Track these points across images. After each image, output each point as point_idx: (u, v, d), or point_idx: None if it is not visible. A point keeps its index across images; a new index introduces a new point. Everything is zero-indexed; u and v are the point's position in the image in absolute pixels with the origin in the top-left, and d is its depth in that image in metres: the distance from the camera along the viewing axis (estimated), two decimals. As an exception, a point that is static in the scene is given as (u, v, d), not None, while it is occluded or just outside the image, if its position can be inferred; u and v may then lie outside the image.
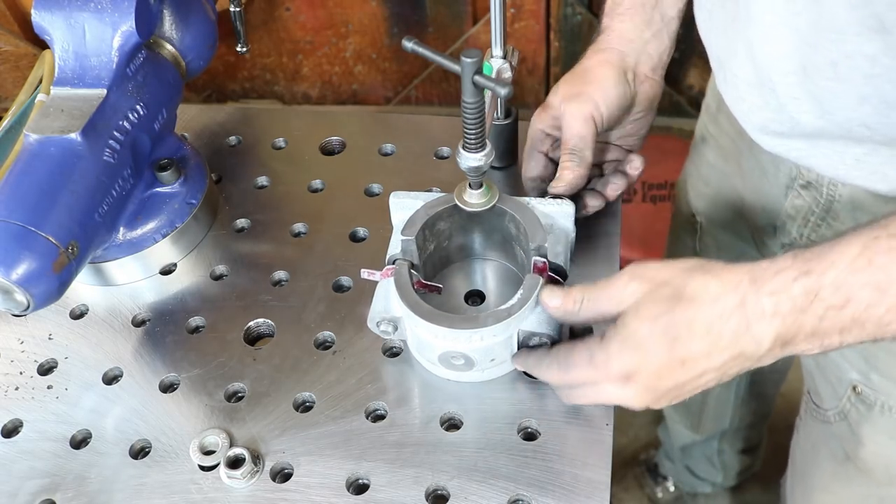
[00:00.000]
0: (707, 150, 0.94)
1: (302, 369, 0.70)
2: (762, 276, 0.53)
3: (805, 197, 0.76)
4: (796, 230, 0.80)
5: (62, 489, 0.64)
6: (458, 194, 0.68)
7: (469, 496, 0.61)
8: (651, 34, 0.76)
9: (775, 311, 0.52)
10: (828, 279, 0.51)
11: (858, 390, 0.78)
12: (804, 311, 0.52)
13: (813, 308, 0.52)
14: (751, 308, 0.52)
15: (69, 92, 0.73)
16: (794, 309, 0.52)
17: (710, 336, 0.53)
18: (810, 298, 0.51)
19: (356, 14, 1.60)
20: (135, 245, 0.77)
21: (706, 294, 0.54)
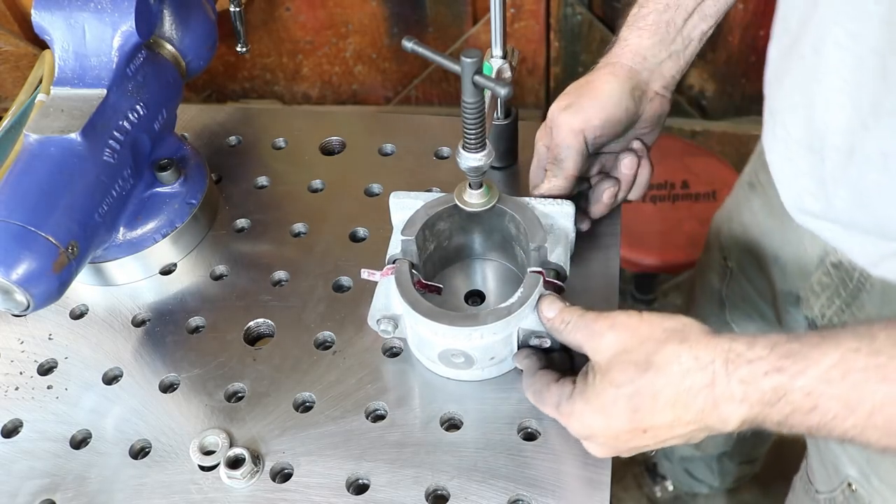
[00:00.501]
0: (755, 198, 0.91)
1: (302, 369, 0.70)
2: (736, 360, 0.52)
3: (834, 277, 0.73)
4: (818, 308, 0.78)
5: (62, 489, 0.64)
6: (458, 194, 0.68)
7: (469, 496, 0.61)
8: (668, 55, 0.73)
9: (744, 398, 0.52)
10: (798, 383, 0.50)
11: (854, 488, 0.77)
12: (771, 406, 0.51)
13: (780, 405, 0.51)
14: (720, 390, 0.52)
15: (69, 92, 0.73)
16: (762, 401, 0.51)
17: (674, 409, 0.53)
18: (779, 395, 0.51)
19: (356, 14, 1.60)
20: (135, 245, 0.77)
21: (677, 367, 0.53)
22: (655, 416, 0.54)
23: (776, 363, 0.51)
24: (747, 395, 0.51)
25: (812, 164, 0.64)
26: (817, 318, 0.78)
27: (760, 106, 0.74)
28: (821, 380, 0.50)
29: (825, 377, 0.50)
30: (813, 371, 0.50)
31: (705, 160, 1.62)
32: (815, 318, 0.79)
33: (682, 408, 0.53)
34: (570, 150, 0.71)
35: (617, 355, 0.55)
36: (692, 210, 1.56)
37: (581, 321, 0.59)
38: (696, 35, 0.74)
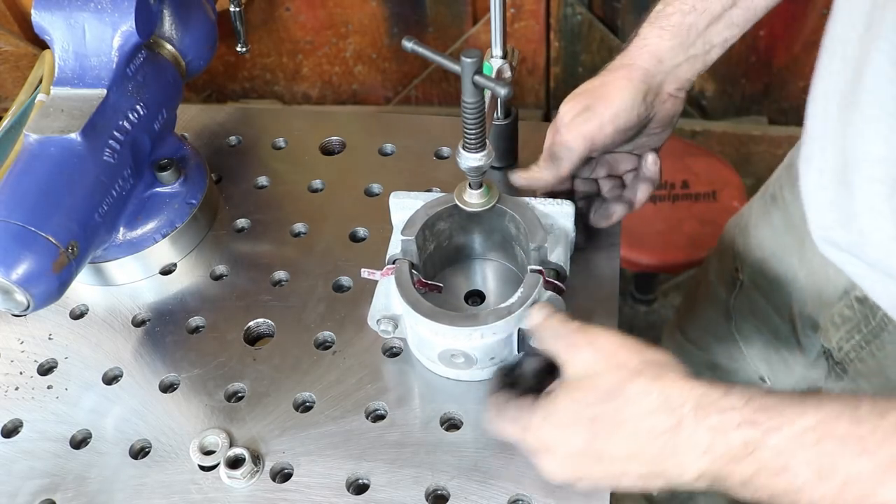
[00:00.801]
0: (775, 212, 0.88)
1: (302, 369, 0.70)
2: (708, 407, 0.50)
3: (857, 311, 0.71)
4: (836, 340, 0.75)
5: (62, 489, 0.64)
6: (458, 194, 0.68)
7: (469, 496, 0.61)
8: (685, 58, 0.71)
9: (708, 449, 0.49)
10: (771, 441, 0.48)
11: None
12: (737, 461, 0.49)
13: (747, 462, 0.49)
14: (684, 436, 0.50)
15: (69, 92, 0.73)
16: (727, 455, 0.49)
17: (633, 444, 0.52)
18: (748, 451, 0.48)
19: (356, 14, 1.60)
20: (135, 245, 0.77)
21: (643, 404, 0.51)
22: (612, 446, 0.52)
23: (750, 416, 0.49)
24: (712, 446, 0.49)
25: (842, 198, 0.62)
26: (834, 349, 0.76)
27: (760, 106, 0.73)
28: (795, 440, 0.47)
29: (800, 439, 0.47)
30: (788, 430, 0.48)
31: (705, 160, 1.62)
32: (832, 349, 0.77)
33: (640, 445, 0.51)
34: (571, 153, 0.70)
35: (588, 375, 0.54)
36: (692, 210, 1.56)
37: (563, 329, 0.58)
38: (718, 41, 0.72)
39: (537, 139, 0.88)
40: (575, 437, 0.54)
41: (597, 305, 0.72)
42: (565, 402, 0.54)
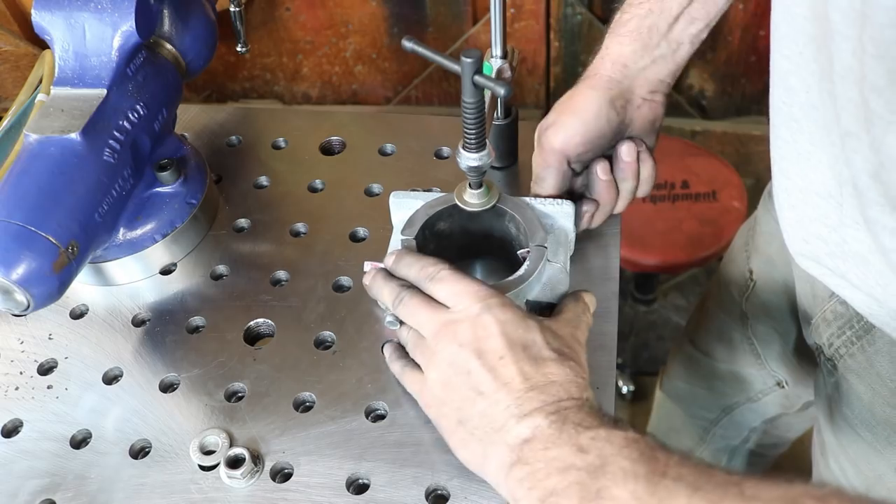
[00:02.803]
0: (772, 207, 0.87)
1: (302, 369, 0.70)
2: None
3: (848, 308, 0.70)
4: (827, 336, 0.75)
5: (62, 489, 0.64)
6: (458, 194, 0.68)
7: (469, 496, 0.61)
8: (651, 60, 0.71)
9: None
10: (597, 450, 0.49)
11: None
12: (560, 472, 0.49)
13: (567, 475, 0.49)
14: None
15: (69, 92, 0.73)
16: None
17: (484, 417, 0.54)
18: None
19: (356, 14, 1.60)
20: (135, 245, 0.77)
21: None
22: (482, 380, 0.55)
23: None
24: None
25: (825, 211, 0.62)
26: (825, 346, 0.76)
27: (760, 106, 0.74)
28: (609, 437, 0.49)
29: (614, 439, 0.49)
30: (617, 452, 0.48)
31: (705, 160, 1.62)
32: (822, 345, 0.77)
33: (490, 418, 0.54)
34: (549, 170, 0.71)
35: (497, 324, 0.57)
36: (692, 210, 1.56)
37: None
38: (685, 38, 0.72)
39: (537, 139, 0.88)
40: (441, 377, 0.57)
41: (597, 305, 0.72)
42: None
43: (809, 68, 0.56)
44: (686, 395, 1.20)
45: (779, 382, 1.01)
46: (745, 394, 1.08)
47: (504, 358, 0.55)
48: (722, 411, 1.14)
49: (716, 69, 1.68)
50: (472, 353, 0.56)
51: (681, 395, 1.22)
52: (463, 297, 0.58)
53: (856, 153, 0.54)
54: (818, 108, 0.57)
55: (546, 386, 0.53)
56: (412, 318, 0.61)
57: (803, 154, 0.62)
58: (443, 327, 0.58)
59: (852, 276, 0.63)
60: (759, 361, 1.00)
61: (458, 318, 0.57)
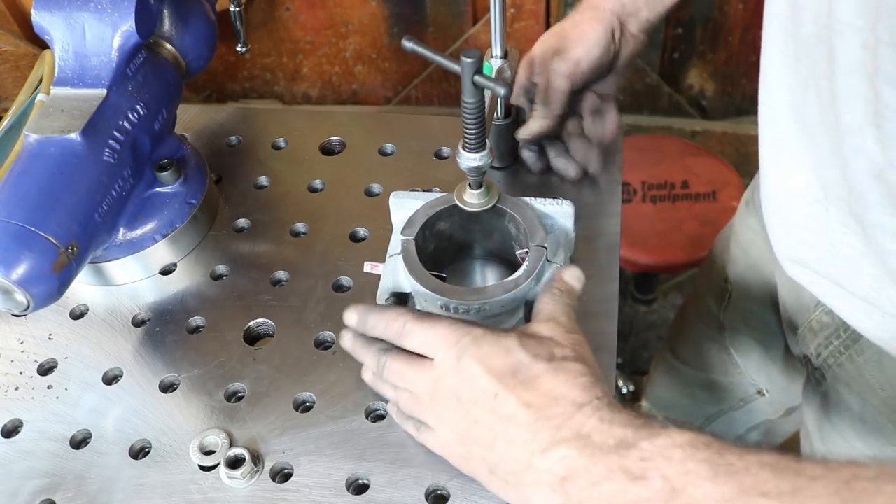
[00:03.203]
0: (750, 216, 0.89)
1: (302, 369, 0.70)
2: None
3: (835, 318, 0.70)
4: (814, 347, 0.75)
5: (62, 489, 0.64)
6: (458, 194, 0.68)
7: (469, 496, 0.61)
8: (644, 2, 0.77)
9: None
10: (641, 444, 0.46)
11: None
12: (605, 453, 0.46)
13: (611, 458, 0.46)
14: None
15: (69, 92, 0.73)
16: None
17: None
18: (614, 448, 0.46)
19: (356, 14, 1.60)
20: (135, 245, 0.77)
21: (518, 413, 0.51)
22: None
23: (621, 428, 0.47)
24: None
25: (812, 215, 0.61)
26: (812, 356, 0.76)
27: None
28: (661, 452, 0.44)
29: (667, 453, 0.44)
30: (658, 441, 0.45)
31: (705, 160, 1.62)
32: (809, 355, 0.76)
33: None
34: (559, 94, 0.75)
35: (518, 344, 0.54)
36: (692, 210, 1.56)
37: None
38: None
39: (537, 139, 0.88)
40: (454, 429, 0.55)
41: (597, 305, 0.72)
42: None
43: (791, 68, 0.56)
44: (669, 405, 1.20)
45: (759, 391, 1.01)
46: (727, 402, 1.08)
47: (499, 395, 0.51)
48: (706, 420, 1.13)
49: (716, 69, 1.68)
50: (469, 403, 0.53)
51: (664, 405, 1.22)
52: (437, 347, 0.55)
53: (857, 153, 0.52)
54: (799, 110, 0.56)
55: (550, 407, 0.50)
56: (401, 382, 0.59)
57: (785, 156, 0.61)
58: (432, 385, 0.56)
59: (845, 282, 0.61)
60: (738, 370, 1.00)
61: (443, 372, 0.55)
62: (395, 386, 0.60)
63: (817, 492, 0.39)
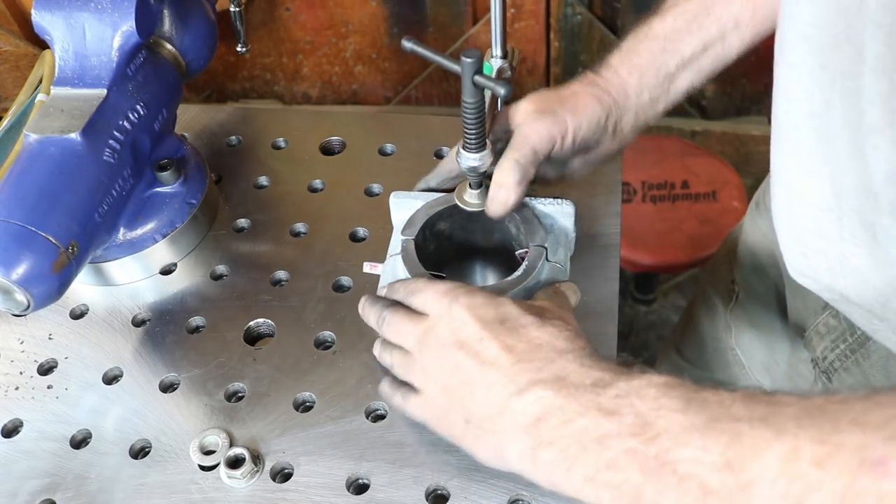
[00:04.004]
0: (760, 218, 0.88)
1: (302, 369, 0.70)
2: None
3: (842, 321, 0.69)
4: (821, 350, 0.74)
5: (62, 489, 0.64)
6: (458, 194, 0.68)
7: (469, 496, 0.61)
8: (648, 99, 0.71)
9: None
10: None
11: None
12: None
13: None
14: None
15: (69, 92, 0.73)
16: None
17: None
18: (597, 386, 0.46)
19: (356, 14, 1.60)
20: (135, 245, 0.77)
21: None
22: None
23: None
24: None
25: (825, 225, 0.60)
26: (819, 359, 0.75)
27: (760, 106, 0.73)
28: (636, 390, 0.44)
29: (642, 392, 0.44)
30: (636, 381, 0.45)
31: (705, 160, 1.62)
32: (816, 359, 0.76)
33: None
34: (537, 156, 0.66)
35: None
36: (692, 210, 1.56)
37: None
38: (684, 87, 0.71)
39: (537, 139, 0.88)
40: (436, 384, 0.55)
41: (597, 305, 0.72)
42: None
43: (814, 75, 0.55)
44: None
45: (763, 392, 1.00)
46: None
47: (483, 339, 0.52)
48: None
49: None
50: (454, 348, 0.54)
51: None
52: (433, 301, 0.57)
53: (877, 150, 0.51)
54: (820, 117, 0.56)
55: (532, 352, 0.50)
56: (396, 336, 0.59)
57: (803, 164, 0.60)
58: (423, 336, 0.57)
59: (850, 293, 0.61)
60: (743, 371, 1.00)
61: (434, 322, 0.56)
62: (391, 344, 0.61)
63: (788, 415, 0.39)
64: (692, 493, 0.39)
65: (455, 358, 0.54)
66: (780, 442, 0.37)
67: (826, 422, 0.37)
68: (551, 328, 0.52)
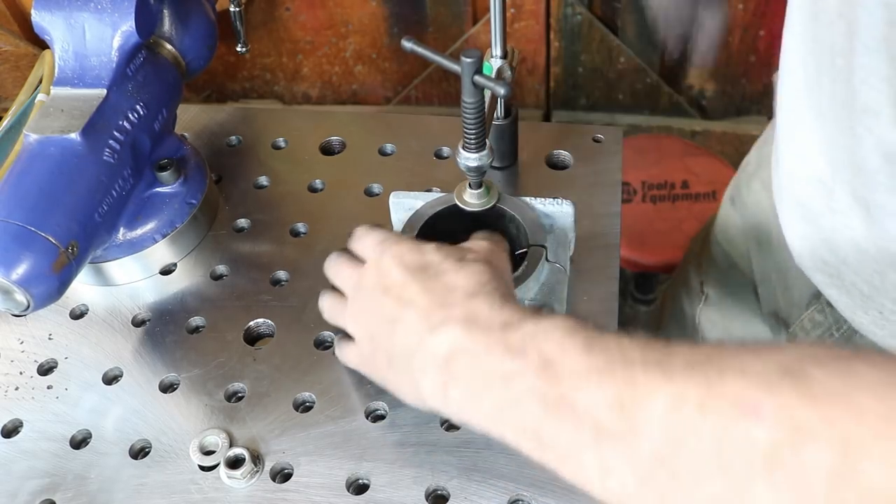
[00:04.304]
0: (735, 215, 0.88)
1: (302, 369, 0.70)
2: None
3: (829, 316, 0.69)
4: None
5: (62, 489, 0.64)
6: (458, 194, 0.68)
7: (469, 496, 0.61)
8: None
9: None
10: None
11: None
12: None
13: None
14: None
15: (69, 92, 0.73)
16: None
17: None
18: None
19: (356, 14, 1.60)
20: (134, 245, 0.77)
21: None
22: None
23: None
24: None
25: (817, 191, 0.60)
26: None
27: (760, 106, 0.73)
28: (542, 331, 0.45)
29: (548, 333, 0.45)
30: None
31: (705, 160, 1.62)
32: None
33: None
34: None
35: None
36: (692, 210, 1.56)
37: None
38: None
39: (537, 139, 0.88)
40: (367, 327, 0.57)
41: (597, 305, 0.72)
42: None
43: (808, 46, 0.55)
44: None
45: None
46: None
47: (406, 283, 0.54)
48: None
49: (716, 69, 1.68)
50: (380, 293, 0.56)
51: None
52: (369, 248, 0.59)
53: (870, 132, 0.52)
54: (813, 89, 0.56)
55: (448, 294, 0.52)
56: (335, 276, 0.62)
57: (797, 137, 0.61)
58: (358, 280, 0.59)
59: (846, 272, 0.61)
60: None
61: (367, 269, 0.58)
62: (332, 287, 0.63)
63: (680, 362, 0.40)
64: (587, 431, 0.41)
65: (381, 302, 0.56)
66: (669, 385, 0.38)
67: (713, 370, 0.38)
68: (469, 272, 0.54)
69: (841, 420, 0.32)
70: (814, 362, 0.35)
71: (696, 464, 0.37)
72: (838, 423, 0.32)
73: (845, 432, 0.32)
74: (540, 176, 0.85)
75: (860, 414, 0.32)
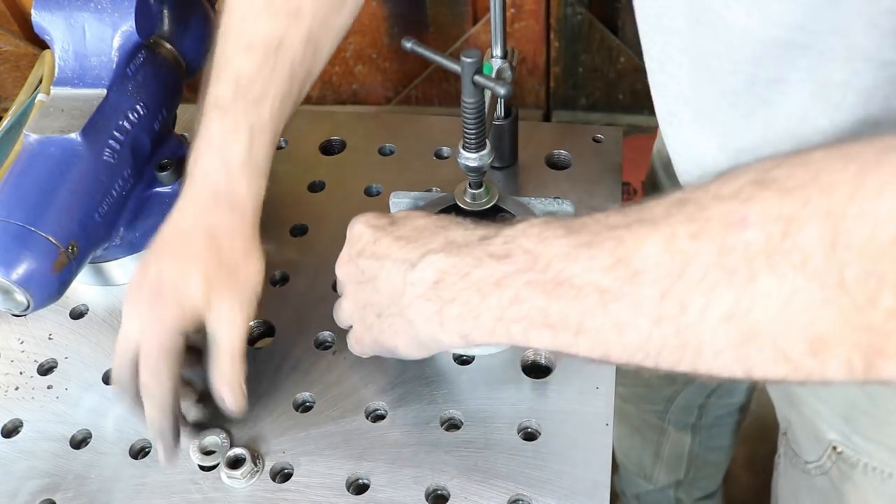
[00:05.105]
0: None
1: (302, 369, 0.70)
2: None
3: None
4: None
5: (62, 489, 0.64)
6: (458, 194, 0.68)
7: (469, 496, 0.61)
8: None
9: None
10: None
11: (839, 450, 0.73)
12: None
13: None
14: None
15: (69, 92, 0.73)
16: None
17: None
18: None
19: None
20: (135, 245, 0.77)
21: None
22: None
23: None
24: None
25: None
26: None
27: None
28: (521, 232, 0.46)
29: (527, 232, 0.46)
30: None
31: (705, 160, 1.62)
32: None
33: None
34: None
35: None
36: (692, 210, 1.56)
37: None
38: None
39: (537, 139, 0.88)
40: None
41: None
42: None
43: (677, 60, 0.56)
44: (629, 397, 1.22)
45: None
46: (680, 381, 1.10)
47: (378, 239, 0.55)
48: (667, 401, 1.16)
49: (716, 69, 1.68)
50: (356, 258, 0.56)
51: (625, 397, 1.23)
52: (348, 230, 0.60)
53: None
54: (689, 98, 0.57)
55: (420, 233, 0.53)
56: (338, 270, 0.62)
57: (690, 139, 0.61)
58: (340, 265, 0.60)
59: None
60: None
61: (344, 246, 0.59)
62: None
63: (658, 213, 0.42)
64: (591, 298, 0.42)
65: (359, 266, 0.56)
66: (657, 232, 0.41)
67: (691, 206, 0.40)
68: (436, 216, 0.55)
69: (817, 198, 0.36)
70: (775, 167, 0.38)
71: (700, 286, 0.38)
72: (816, 202, 0.35)
73: (824, 206, 0.35)
74: (540, 176, 0.85)
75: (830, 186, 0.35)
